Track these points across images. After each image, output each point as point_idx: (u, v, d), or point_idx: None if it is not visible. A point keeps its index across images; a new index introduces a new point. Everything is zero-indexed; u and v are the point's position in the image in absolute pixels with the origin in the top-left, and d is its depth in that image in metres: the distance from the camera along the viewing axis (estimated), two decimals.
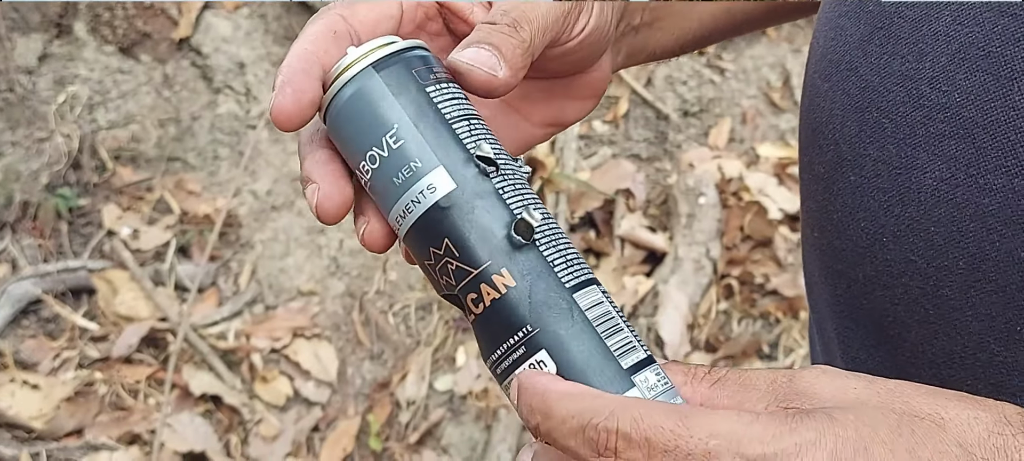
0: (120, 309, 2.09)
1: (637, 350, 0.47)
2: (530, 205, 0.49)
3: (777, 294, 2.24)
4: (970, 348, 0.51)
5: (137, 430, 1.94)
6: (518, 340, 0.48)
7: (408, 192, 0.50)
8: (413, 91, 0.50)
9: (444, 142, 0.49)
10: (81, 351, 2.04)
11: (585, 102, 0.62)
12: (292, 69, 0.50)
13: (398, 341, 2.14)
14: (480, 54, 0.50)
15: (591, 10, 0.56)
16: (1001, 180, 0.47)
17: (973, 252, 0.49)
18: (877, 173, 0.52)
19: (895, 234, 0.52)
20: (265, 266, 2.24)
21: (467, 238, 0.49)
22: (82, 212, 2.26)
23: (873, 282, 0.55)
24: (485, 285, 0.48)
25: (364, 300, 2.19)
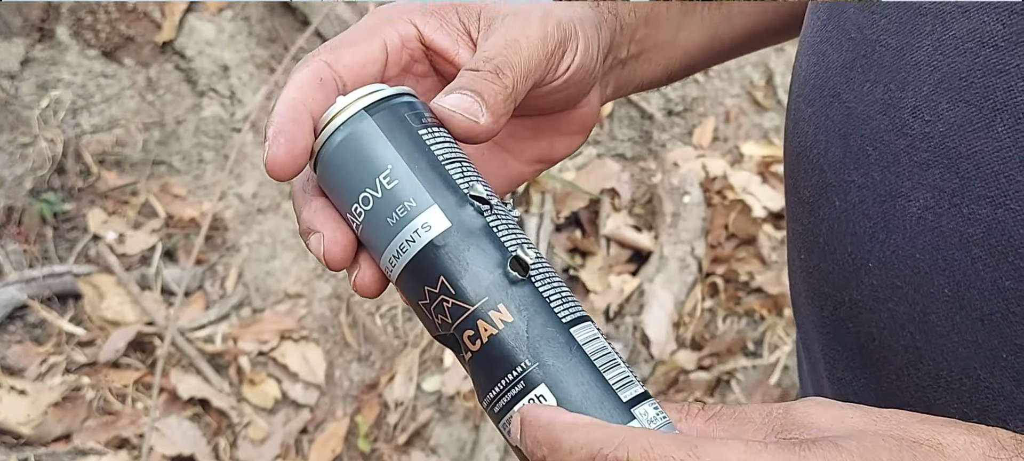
0: (106, 314, 2.09)
1: (634, 384, 0.48)
2: (524, 244, 0.50)
3: (762, 292, 2.25)
4: (956, 373, 0.51)
5: (125, 434, 1.94)
6: (517, 375, 0.48)
7: (402, 232, 0.50)
8: (405, 133, 0.51)
9: (438, 182, 0.50)
10: (68, 356, 2.04)
11: (573, 137, 0.62)
12: (282, 118, 0.51)
13: (385, 342, 2.15)
14: (462, 101, 0.51)
15: (576, 50, 0.56)
16: (985, 210, 0.47)
17: (958, 280, 0.49)
18: (862, 199, 0.52)
19: (880, 260, 0.52)
20: (252, 269, 2.24)
21: (463, 275, 0.49)
22: (67, 217, 2.25)
23: (859, 306, 0.55)
24: (482, 321, 0.48)
25: (351, 302, 2.20)
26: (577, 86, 0.58)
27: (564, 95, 0.58)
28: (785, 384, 2.14)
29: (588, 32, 0.57)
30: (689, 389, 2.11)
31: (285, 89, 0.52)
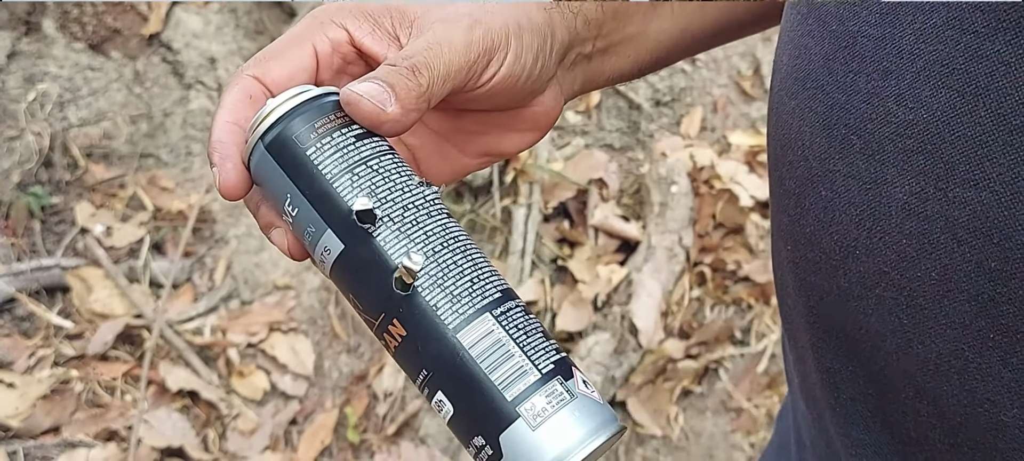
0: (95, 306, 2.09)
1: (528, 374, 0.49)
2: (416, 246, 0.51)
3: (749, 280, 2.26)
4: (945, 355, 0.52)
5: (114, 427, 1.94)
6: (422, 380, 0.50)
7: (315, 252, 0.53)
8: (297, 158, 0.52)
9: (328, 204, 0.52)
10: (56, 349, 2.04)
11: (526, 134, 0.63)
12: (224, 144, 0.53)
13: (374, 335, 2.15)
14: (372, 88, 0.52)
15: (504, 59, 0.57)
16: (969, 193, 0.48)
17: (945, 263, 0.50)
18: (847, 188, 0.53)
19: (867, 247, 0.53)
20: (240, 261, 2.24)
21: (361, 293, 0.51)
22: (55, 210, 2.25)
23: (846, 293, 0.55)
24: (386, 335, 0.51)
25: (339, 294, 2.19)
26: (507, 92, 0.58)
27: (495, 100, 0.59)
28: (772, 372, 2.15)
29: (525, 39, 0.58)
30: (677, 378, 2.12)
31: (219, 111, 0.54)
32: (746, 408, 2.10)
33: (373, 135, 0.54)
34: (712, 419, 2.11)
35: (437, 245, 0.51)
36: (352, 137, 0.53)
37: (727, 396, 2.12)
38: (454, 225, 0.53)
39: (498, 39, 0.56)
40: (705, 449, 2.07)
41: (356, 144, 0.53)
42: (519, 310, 0.51)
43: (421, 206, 0.52)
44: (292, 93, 0.54)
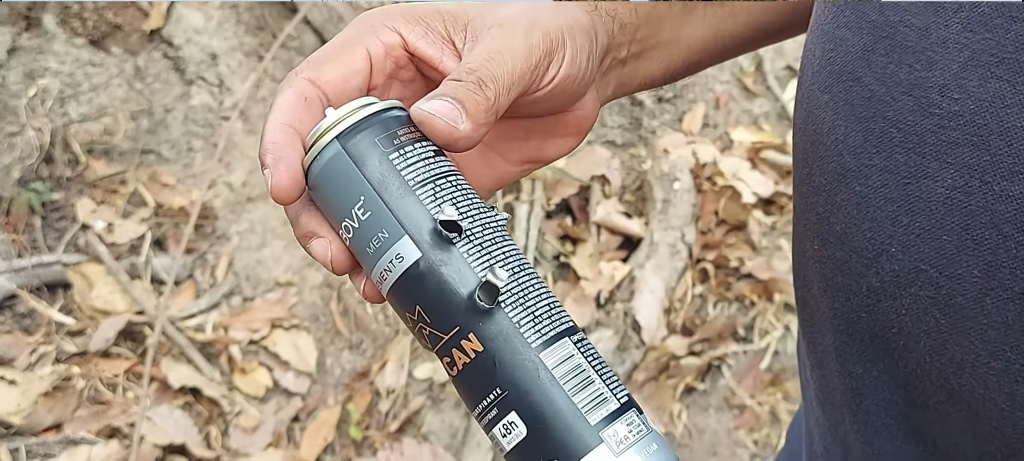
0: (96, 303, 2.08)
1: (609, 401, 0.48)
2: (498, 263, 0.50)
3: (752, 277, 2.26)
4: (983, 357, 0.50)
5: (116, 424, 1.93)
6: (491, 402, 0.49)
7: (380, 261, 0.51)
8: (376, 161, 0.51)
9: (407, 211, 0.50)
10: (58, 346, 2.03)
11: (567, 140, 0.62)
12: (277, 145, 0.52)
13: (377, 330, 2.14)
14: (443, 106, 0.52)
15: (562, 60, 0.56)
16: (1017, 186, 0.47)
17: (988, 260, 0.48)
18: (884, 183, 0.52)
19: (904, 244, 0.51)
20: (242, 258, 2.23)
21: (435, 306, 0.50)
22: (55, 206, 2.24)
23: (878, 293, 0.54)
24: (455, 350, 0.49)
25: (342, 290, 2.19)
26: (564, 94, 0.58)
27: (552, 103, 0.58)
28: (776, 369, 2.15)
29: (577, 39, 0.57)
30: (680, 374, 2.12)
31: (272, 113, 0.53)
32: (749, 405, 2.10)
33: (443, 152, 0.53)
34: (715, 416, 2.11)
35: (515, 267, 0.51)
36: (430, 150, 0.52)
37: (730, 393, 2.12)
38: (521, 254, 0.52)
39: (556, 40, 0.56)
40: (708, 446, 2.06)
41: (435, 158, 0.52)
42: (589, 342, 0.51)
43: (496, 228, 0.52)
44: (363, 102, 0.53)
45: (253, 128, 2.39)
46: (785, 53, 2.61)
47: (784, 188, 2.38)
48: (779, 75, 2.59)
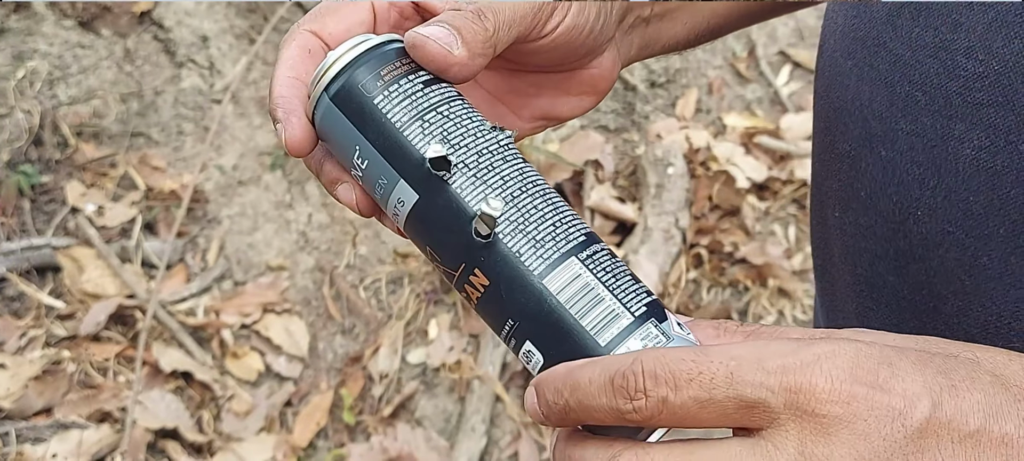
0: (87, 286, 2.07)
1: (621, 317, 0.47)
2: (493, 191, 0.49)
3: (746, 262, 2.25)
4: (1005, 317, 0.50)
5: (107, 408, 1.91)
6: (508, 332, 0.49)
7: (388, 204, 0.51)
8: (365, 109, 0.50)
9: (399, 153, 0.50)
10: (48, 329, 2.01)
11: (582, 98, 0.62)
12: (287, 98, 0.52)
13: (370, 315, 2.13)
14: (438, 30, 0.51)
15: (567, 10, 0.55)
16: None
17: (1014, 218, 0.48)
18: (910, 146, 0.51)
19: (930, 207, 0.51)
20: (233, 241, 2.22)
21: (440, 245, 0.49)
22: (45, 189, 2.22)
23: (905, 256, 0.54)
24: (467, 286, 0.49)
25: (334, 274, 2.18)
26: (571, 46, 0.57)
27: (556, 55, 0.57)
28: None
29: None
30: None
31: (278, 67, 0.53)
32: None
33: (440, 81, 0.52)
34: None
35: (516, 190, 0.49)
36: (420, 83, 0.51)
37: None
38: (531, 170, 0.51)
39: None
40: None
41: (424, 90, 0.51)
42: (605, 253, 0.49)
43: (496, 151, 0.50)
44: (354, 42, 0.52)
45: (244, 111, 2.37)
46: (778, 39, 2.60)
47: (778, 173, 2.38)
48: (772, 61, 2.58)
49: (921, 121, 0.51)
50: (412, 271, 2.19)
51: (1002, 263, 0.50)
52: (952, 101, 0.49)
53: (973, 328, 0.52)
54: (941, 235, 0.52)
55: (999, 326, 0.51)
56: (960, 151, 0.50)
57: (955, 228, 0.51)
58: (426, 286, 2.16)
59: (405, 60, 0.52)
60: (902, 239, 0.54)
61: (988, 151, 0.49)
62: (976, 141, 0.49)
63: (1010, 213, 0.49)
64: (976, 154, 0.49)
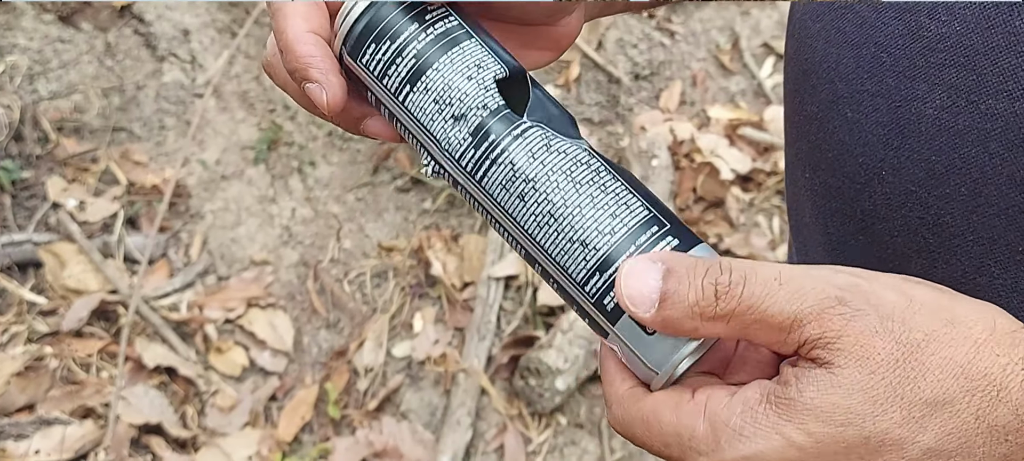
0: (69, 282, 2.05)
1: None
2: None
3: (730, 254, 2.25)
4: (969, 273, 0.51)
5: (91, 404, 1.90)
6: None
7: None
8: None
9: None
10: (30, 325, 1.99)
11: (543, 53, 0.61)
12: (318, 58, 0.51)
13: (354, 309, 2.12)
14: None
15: None
16: (1003, 104, 0.47)
17: (975, 177, 0.49)
18: (875, 107, 0.52)
19: (894, 166, 0.52)
20: (216, 236, 2.21)
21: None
22: (25, 185, 2.20)
23: (871, 216, 0.55)
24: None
25: (318, 269, 2.17)
26: (547, 4, 0.57)
27: (533, 10, 0.57)
28: None
29: None
30: None
31: (290, 23, 0.51)
32: None
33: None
34: None
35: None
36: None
37: None
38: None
39: None
40: None
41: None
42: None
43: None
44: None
45: (227, 105, 2.36)
46: (762, 31, 2.61)
47: (762, 165, 2.38)
48: (756, 53, 2.58)
49: (886, 82, 0.51)
50: (396, 265, 2.18)
51: (964, 221, 0.50)
52: (915, 62, 0.50)
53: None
54: (905, 195, 0.52)
55: (963, 282, 0.51)
56: (923, 111, 0.50)
57: (918, 188, 0.51)
58: (411, 279, 2.15)
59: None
60: (867, 200, 0.54)
61: (949, 111, 0.49)
62: (938, 101, 0.49)
63: (971, 172, 0.49)
64: (938, 114, 0.50)
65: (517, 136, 0.51)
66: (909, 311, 0.44)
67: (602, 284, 0.49)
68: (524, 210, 0.50)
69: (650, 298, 0.45)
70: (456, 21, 0.53)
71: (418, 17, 0.52)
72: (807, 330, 0.44)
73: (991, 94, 0.48)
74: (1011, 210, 0.49)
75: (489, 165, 0.51)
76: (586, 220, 0.49)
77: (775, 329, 0.44)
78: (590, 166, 0.50)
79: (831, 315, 0.43)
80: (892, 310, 0.44)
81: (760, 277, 0.44)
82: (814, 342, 0.44)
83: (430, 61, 0.52)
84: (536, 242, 0.51)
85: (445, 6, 0.53)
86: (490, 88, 0.52)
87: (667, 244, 0.48)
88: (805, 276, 0.44)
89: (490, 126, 0.51)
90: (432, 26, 0.52)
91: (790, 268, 0.45)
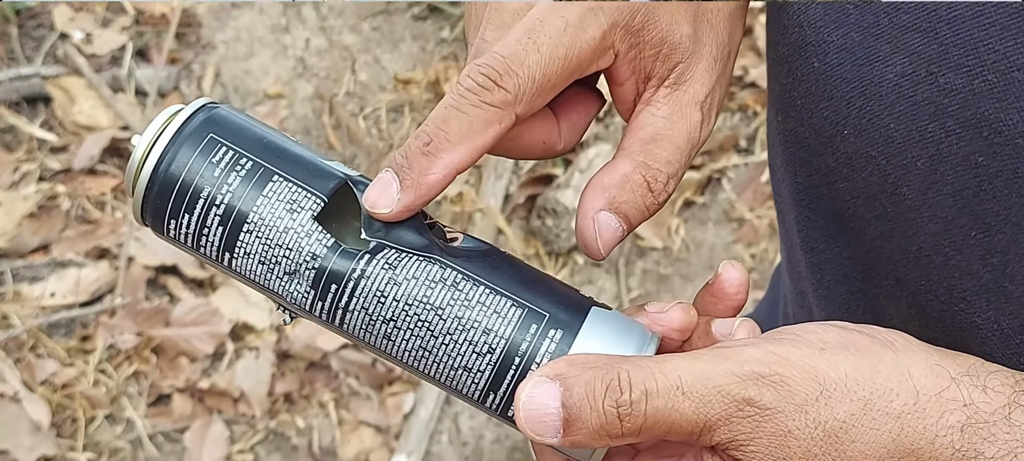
0: (79, 118, 2.02)
1: None
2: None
3: (755, 86, 2.19)
4: (925, 249, 0.50)
5: (105, 244, 1.90)
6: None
7: None
8: None
9: None
10: (41, 163, 1.98)
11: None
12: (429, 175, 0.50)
13: (370, 145, 2.09)
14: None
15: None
16: (961, 80, 0.45)
17: (932, 153, 0.47)
18: (840, 61, 0.50)
19: (856, 126, 0.50)
20: (229, 68, 2.16)
21: None
22: (32, 14, 2.15)
23: (834, 173, 0.53)
24: None
25: (334, 102, 2.13)
26: None
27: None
28: None
29: None
30: (679, 189, 2.08)
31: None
32: (748, 218, 2.07)
33: None
34: (714, 230, 2.08)
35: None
36: None
37: (729, 206, 2.09)
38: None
39: None
40: (705, 260, 2.04)
41: None
42: None
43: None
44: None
45: None
46: None
47: None
48: None
49: (851, 36, 0.49)
50: (413, 99, 2.14)
51: (920, 195, 0.48)
52: (880, 20, 0.48)
53: (895, 255, 0.52)
54: (865, 159, 0.50)
55: (919, 256, 0.50)
56: (884, 74, 0.48)
57: (878, 153, 0.50)
58: (427, 115, 2.11)
59: None
60: (831, 156, 0.52)
61: (909, 79, 0.47)
62: (899, 66, 0.47)
63: (928, 147, 0.47)
64: (898, 80, 0.47)
65: (359, 277, 0.47)
66: (823, 398, 0.43)
67: (500, 401, 0.47)
68: (393, 348, 0.47)
69: (553, 427, 0.44)
70: (249, 160, 0.48)
71: (208, 171, 0.47)
72: (717, 434, 0.43)
73: (951, 68, 0.45)
74: (965, 192, 0.47)
75: (342, 314, 0.47)
76: (460, 345, 0.46)
77: (686, 435, 0.43)
78: (446, 282, 0.47)
79: (740, 419, 0.43)
80: (805, 400, 0.43)
81: (661, 389, 0.43)
82: (727, 445, 0.43)
83: (240, 220, 0.47)
84: (419, 370, 0.48)
85: (229, 145, 0.48)
86: (311, 231, 0.47)
87: (551, 341, 0.46)
88: (710, 377, 0.43)
89: (327, 273, 0.47)
90: (228, 175, 0.47)
91: (693, 369, 0.43)
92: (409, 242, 0.47)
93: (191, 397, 1.78)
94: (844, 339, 0.45)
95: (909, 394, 0.43)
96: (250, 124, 0.50)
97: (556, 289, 0.48)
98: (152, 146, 0.48)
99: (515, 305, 0.47)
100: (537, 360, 0.46)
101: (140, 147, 0.48)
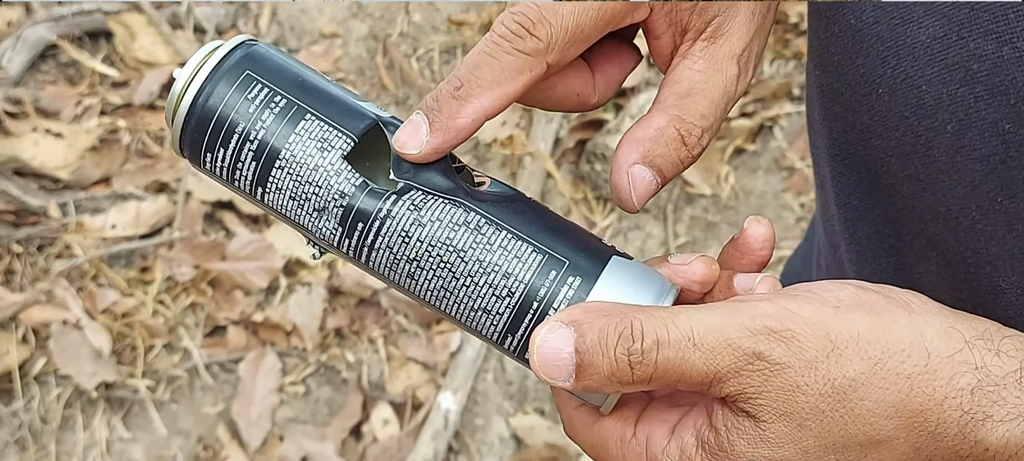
0: (139, 54, 2.06)
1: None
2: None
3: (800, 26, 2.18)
4: (953, 211, 0.50)
5: (164, 179, 1.94)
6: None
7: None
8: None
9: None
10: (103, 98, 2.02)
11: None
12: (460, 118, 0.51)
13: (423, 86, 2.11)
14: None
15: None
16: (991, 46, 0.45)
17: (960, 117, 0.47)
18: (876, 19, 0.50)
19: (890, 86, 0.50)
20: (285, 7, 2.18)
21: None
22: None
23: (869, 130, 0.53)
24: None
25: (388, 43, 2.15)
26: None
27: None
28: None
29: None
30: (730, 136, 2.08)
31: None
32: (799, 167, 2.06)
33: None
34: (764, 178, 2.07)
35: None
36: None
37: (780, 155, 2.08)
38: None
39: None
40: (754, 208, 2.04)
41: None
42: None
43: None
44: None
45: None
46: None
47: None
48: None
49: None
50: (466, 41, 2.15)
51: (949, 159, 0.49)
52: None
53: (926, 214, 0.52)
54: (898, 118, 0.50)
55: (948, 217, 0.50)
56: (917, 36, 0.48)
57: (910, 114, 0.49)
58: None
59: None
60: (866, 113, 0.52)
61: (941, 42, 0.47)
62: (931, 29, 0.47)
63: (957, 111, 0.47)
64: (930, 42, 0.47)
65: (385, 217, 0.48)
66: (834, 356, 0.43)
67: (518, 344, 0.48)
68: (416, 287, 0.49)
69: (566, 371, 0.45)
70: (284, 98, 0.49)
71: (243, 107, 0.49)
72: (727, 386, 0.43)
73: (981, 34, 0.45)
74: (992, 158, 0.47)
75: (368, 252, 0.49)
76: (481, 288, 0.48)
77: (696, 386, 0.44)
78: (469, 225, 0.48)
79: (749, 372, 0.43)
80: (815, 357, 0.43)
81: (673, 339, 0.43)
82: (736, 397, 0.44)
83: (272, 156, 0.49)
84: (440, 310, 0.49)
85: (265, 83, 0.49)
86: (341, 170, 0.48)
87: (569, 288, 0.47)
88: (722, 330, 0.43)
89: (355, 212, 0.48)
90: (262, 112, 0.49)
91: (706, 321, 0.44)
92: (436, 185, 0.48)
93: (245, 329, 1.82)
94: (860, 298, 0.45)
95: (920, 355, 0.43)
96: (286, 62, 0.51)
97: (578, 237, 0.49)
98: (191, 81, 0.49)
99: (536, 251, 0.48)
100: (555, 306, 0.47)
101: (180, 81, 0.50)
